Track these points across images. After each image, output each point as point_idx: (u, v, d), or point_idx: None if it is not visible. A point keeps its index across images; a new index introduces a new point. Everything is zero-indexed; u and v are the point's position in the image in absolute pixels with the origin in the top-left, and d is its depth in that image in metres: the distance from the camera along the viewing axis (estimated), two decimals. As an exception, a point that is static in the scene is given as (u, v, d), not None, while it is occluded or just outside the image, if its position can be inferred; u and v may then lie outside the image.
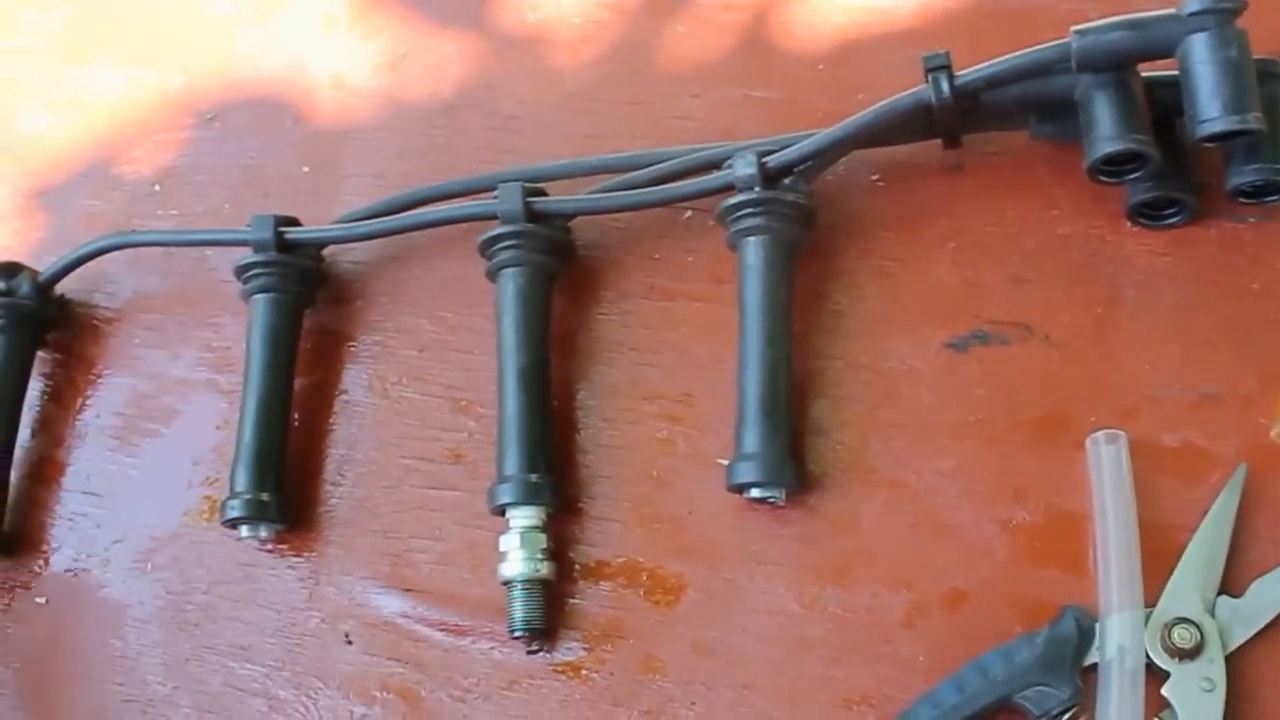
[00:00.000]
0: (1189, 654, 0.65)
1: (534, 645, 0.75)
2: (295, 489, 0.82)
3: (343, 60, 0.96)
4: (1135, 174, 0.71)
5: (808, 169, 0.76)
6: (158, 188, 0.96)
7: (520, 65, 0.92)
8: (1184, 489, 0.69)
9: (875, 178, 0.80)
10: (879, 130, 0.75)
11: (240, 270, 0.84)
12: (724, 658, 0.73)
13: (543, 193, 0.80)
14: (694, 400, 0.78)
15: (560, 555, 0.76)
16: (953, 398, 0.74)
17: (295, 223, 0.85)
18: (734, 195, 0.75)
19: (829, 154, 0.76)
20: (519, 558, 0.74)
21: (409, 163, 0.91)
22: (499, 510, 0.76)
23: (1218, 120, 0.66)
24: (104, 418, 0.90)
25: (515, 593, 0.74)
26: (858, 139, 0.76)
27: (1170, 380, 0.71)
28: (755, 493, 0.73)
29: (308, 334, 0.86)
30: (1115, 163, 0.71)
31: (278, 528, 0.81)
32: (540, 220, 0.79)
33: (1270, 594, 0.66)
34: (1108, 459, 0.69)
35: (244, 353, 0.83)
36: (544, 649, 0.75)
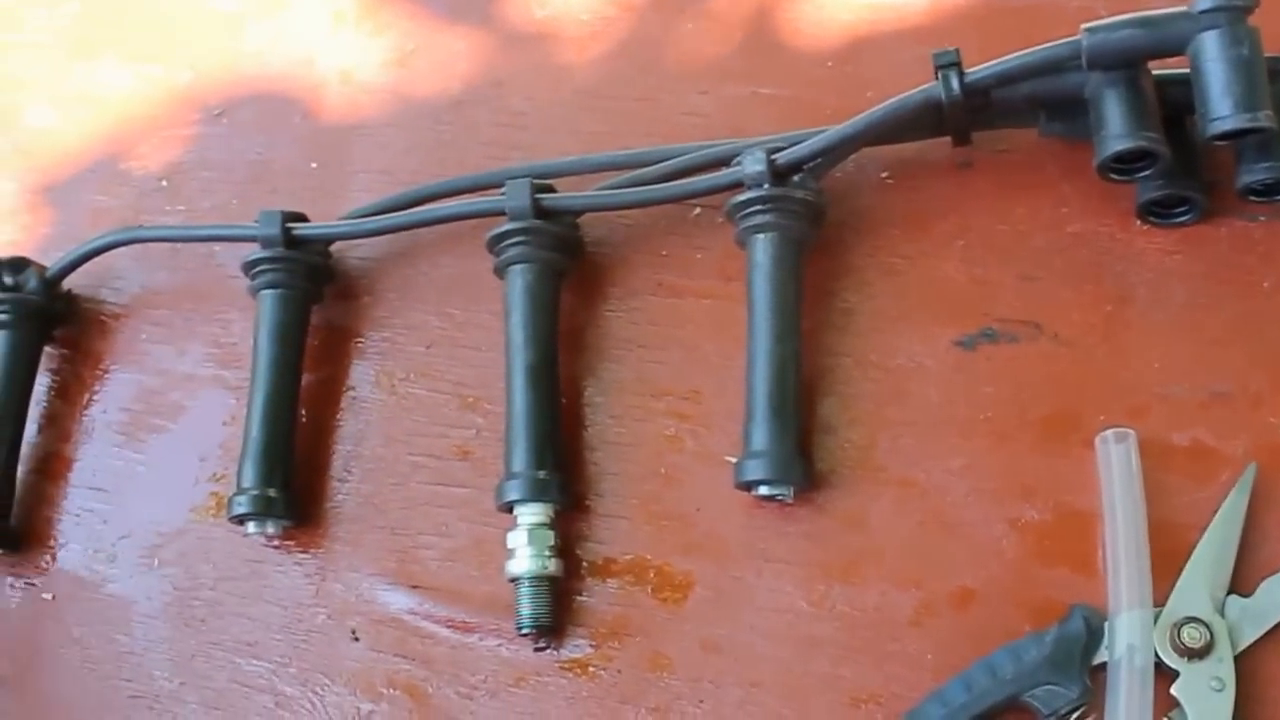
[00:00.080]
0: (1198, 653, 0.65)
1: (541, 642, 0.75)
2: (302, 485, 0.82)
3: (351, 56, 0.96)
4: (1145, 172, 0.71)
5: (817, 166, 0.76)
6: (165, 183, 0.96)
7: (529, 62, 0.92)
8: (1194, 488, 0.69)
9: (884, 175, 0.80)
10: (888, 127, 0.75)
11: (248, 266, 0.84)
12: (732, 655, 0.72)
13: (551, 189, 0.80)
14: (702, 397, 0.78)
15: (568, 552, 0.76)
16: (961, 396, 0.74)
17: (303, 219, 0.85)
18: (743, 192, 0.75)
19: (838, 151, 0.76)
20: (526, 554, 0.74)
21: (417, 159, 0.90)
22: (507, 507, 0.76)
23: (1229, 118, 0.66)
24: (111, 413, 0.89)
25: (523, 590, 0.74)
26: (867, 136, 0.75)
27: (1180, 379, 0.71)
28: (763, 490, 0.72)
29: (315, 330, 0.86)
30: (1125, 161, 0.70)
31: (285, 524, 0.81)
32: (548, 217, 0.79)
33: (1280, 594, 0.66)
34: (1117, 458, 0.68)
35: (251, 348, 0.83)
36: (551, 646, 0.75)
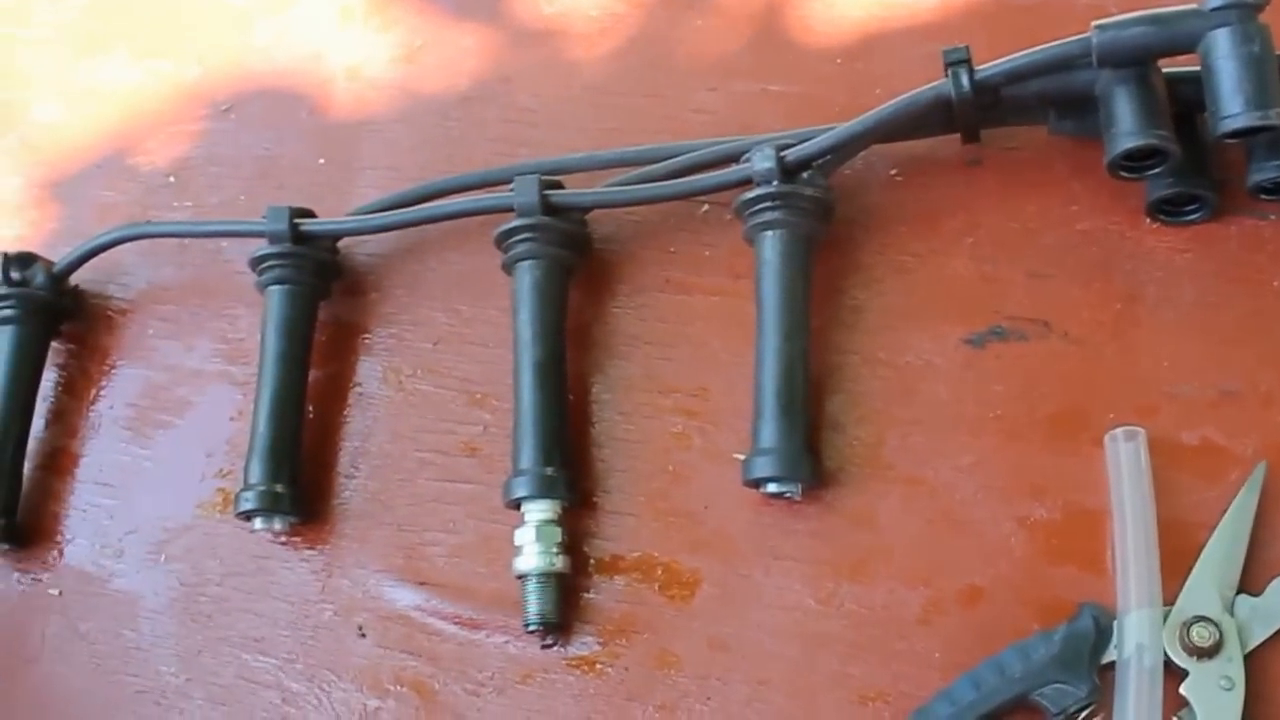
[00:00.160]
0: (1207, 652, 0.64)
1: (548, 639, 0.75)
2: (309, 481, 0.82)
3: (358, 52, 0.96)
4: (1155, 170, 0.71)
5: (826, 163, 0.76)
6: (172, 179, 0.96)
7: (537, 58, 0.92)
8: (1203, 486, 0.69)
9: (894, 172, 0.80)
10: (898, 125, 0.75)
11: (255, 262, 0.84)
12: (739, 653, 0.72)
13: (559, 186, 0.80)
14: (710, 394, 0.78)
15: (575, 549, 0.76)
16: (970, 394, 0.74)
17: (310, 214, 0.85)
18: (752, 189, 0.75)
19: (847, 148, 0.76)
20: (534, 551, 0.74)
21: (425, 155, 0.90)
22: (514, 504, 0.76)
23: (1240, 116, 0.66)
24: (118, 409, 0.89)
25: (530, 586, 0.74)
26: (876, 133, 0.75)
27: (1190, 377, 0.71)
28: (772, 488, 0.72)
29: (322, 326, 0.85)
30: (1135, 158, 0.70)
31: (292, 520, 0.81)
32: (557, 213, 0.79)
33: (1290, 593, 0.66)
34: (1126, 456, 0.68)
35: (258, 344, 0.83)
36: (558, 643, 0.75)
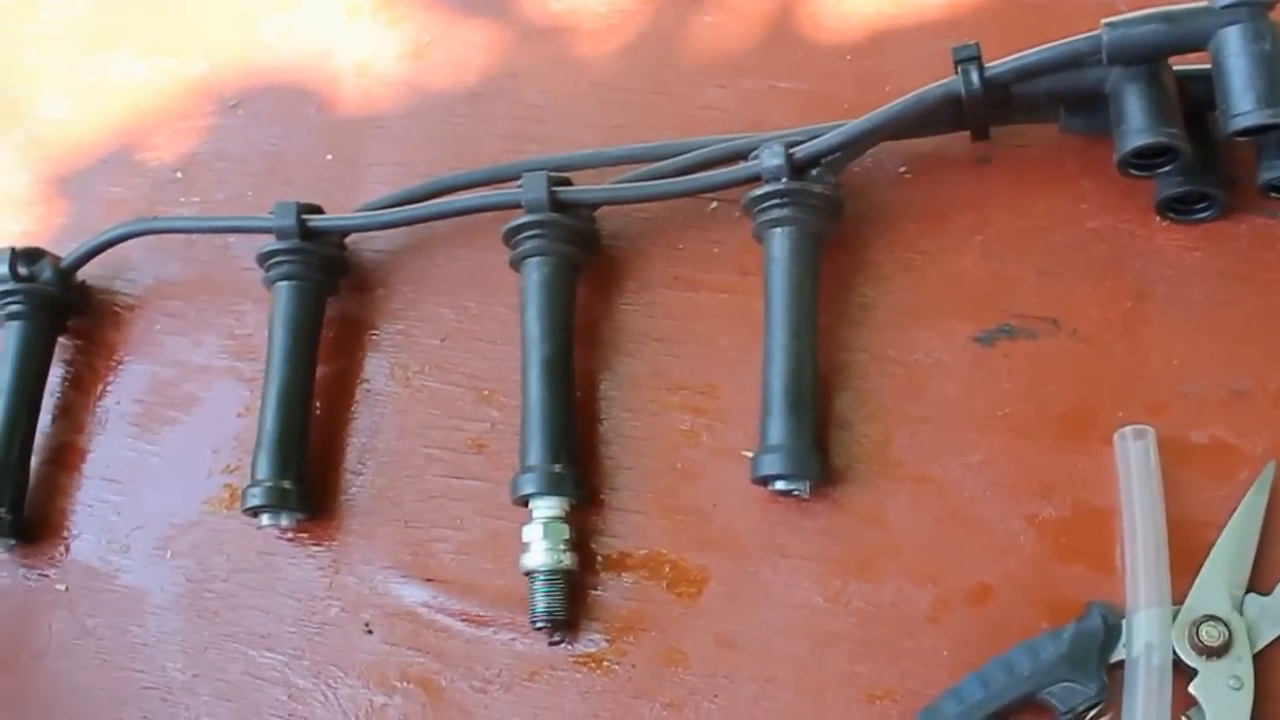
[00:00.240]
0: (1217, 651, 0.64)
1: (555, 636, 0.75)
2: (316, 477, 0.82)
3: (366, 48, 0.96)
4: (1165, 168, 0.71)
5: (835, 160, 0.76)
6: (180, 175, 0.96)
7: (545, 54, 0.92)
8: (1212, 485, 0.69)
9: (903, 170, 0.80)
10: (907, 122, 0.75)
11: (263, 258, 0.84)
12: (747, 651, 0.72)
13: (568, 182, 0.80)
14: (718, 392, 0.78)
15: (583, 546, 0.76)
16: (979, 391, 0.74)
17: (318, 210, 0.85)
18: (760, 186, 0.75)
19: (856, 145, 0.76)
20: (541, 548, 0.74)
21: (432, 151, 0.90)
22: (522, 500, 0.75)
23: (1250, 114, 0.66)
24: (125, 404, 0.89)
25: (537, 583, 0.74)
26: (886, 130, 0.75)
27: (1199, 376, 0.71)
28: (780, 485, 0.72)
29: (330, 322, 0.85)
30: (1145, 156, 0.70)
31: (298, 516, 0.81)
32: (565, 210, 0.79)
33: (1299, 592, 0.66)
34: (1135, 455, 0.68)
35: (266, 340, 0.83)
36: (565, 640, 0.75)
